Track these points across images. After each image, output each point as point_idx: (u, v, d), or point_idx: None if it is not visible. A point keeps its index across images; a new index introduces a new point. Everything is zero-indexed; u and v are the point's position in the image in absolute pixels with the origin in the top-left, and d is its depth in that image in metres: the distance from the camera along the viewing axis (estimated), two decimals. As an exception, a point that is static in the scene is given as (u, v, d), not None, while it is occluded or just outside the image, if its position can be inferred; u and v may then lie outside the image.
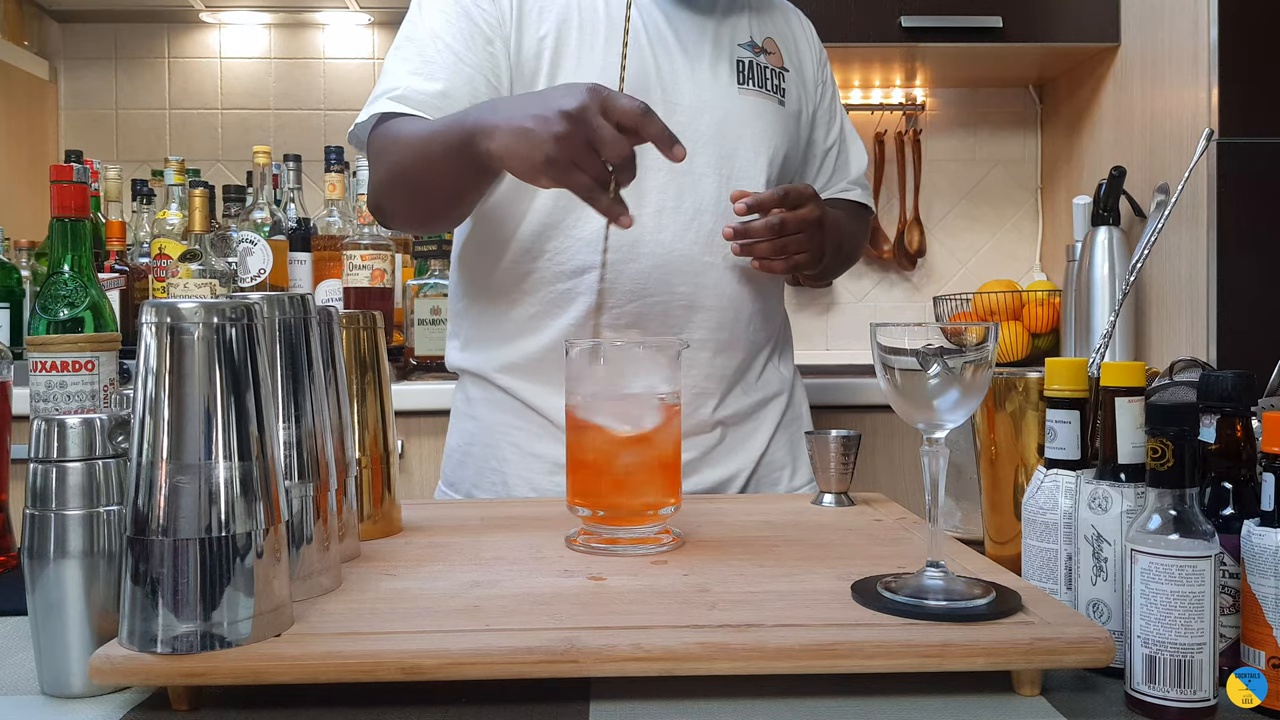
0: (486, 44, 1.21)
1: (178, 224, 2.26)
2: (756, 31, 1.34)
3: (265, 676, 0.65)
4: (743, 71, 1.29)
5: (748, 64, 1.30)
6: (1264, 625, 0.65)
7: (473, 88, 1.19)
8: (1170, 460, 0.64)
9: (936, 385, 0.73)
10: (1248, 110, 1.88)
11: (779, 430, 1.36)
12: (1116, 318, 0.99)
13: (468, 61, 1.20)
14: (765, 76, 1.32)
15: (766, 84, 1.32)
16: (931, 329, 0.74)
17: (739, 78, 1.29)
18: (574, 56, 1.22)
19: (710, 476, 1.29)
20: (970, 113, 2.72)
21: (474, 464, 1.31)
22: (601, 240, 1.21)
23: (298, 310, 0.79)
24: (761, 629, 0.69)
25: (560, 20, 1.23)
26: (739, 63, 1.30)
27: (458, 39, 1.20)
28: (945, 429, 0.75)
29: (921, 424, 0.75)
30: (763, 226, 1.19)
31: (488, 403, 1.31)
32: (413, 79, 1.19)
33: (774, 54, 1.35)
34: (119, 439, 0.70)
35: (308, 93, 2.73)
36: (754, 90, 1.30)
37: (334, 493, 0.82)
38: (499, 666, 0.65)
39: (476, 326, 1.32)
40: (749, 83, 1.30)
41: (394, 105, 1.18)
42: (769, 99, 1.32)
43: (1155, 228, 0.99)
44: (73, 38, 2.70)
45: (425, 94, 1.18)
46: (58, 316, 1.17)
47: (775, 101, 1.32)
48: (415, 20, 1.25)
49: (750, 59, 1.31)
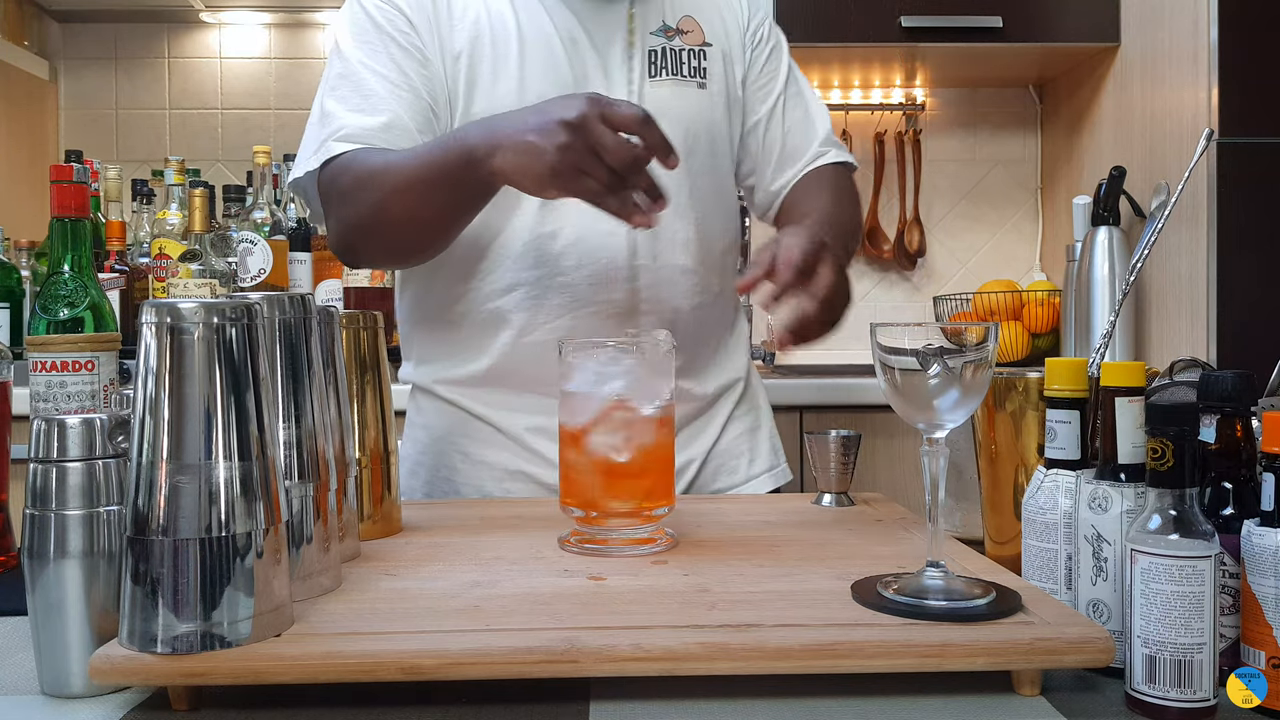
0: (420, 65, 1.20)
1: (178, 224, 2.26)
2: (670, 13, 1.30)
3: (265, 676, 0.65)
4: (655, 62, 1.27)
5: (660, 51, 1.27)
6: (1264, 625, 0.65)
7: (414, 112, 1.18)
8: (1170, 460, 0.64)
9: (937, 385, 0.73)
10: (1248, 110, 1.88)
11: (732, 420, 1.34)
12: (1116, 318, 0.99)
13: (404, 86, 1.19)
14: (681, 60, 1.28)
15: (682, 69, 1.28)
16: (931, 329, 0.74)
17: (651, 70, 1.26)
18: (489, 75, 1.21)
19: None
20: (970, 113, 2.72)
21: (424, 473, 1.31)
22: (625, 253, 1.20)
23: (298, 310, 0.79)
24: (761, 629, 0.69)
25: (473, 38, 1.21)
26: (651, 53, 1.27)
27: (388, 65, 1.19)
28: (945, 429, 0.75)
29: (921, 424, 0.75)
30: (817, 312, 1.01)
31: (435, 412, 1.31)
32: (354, 116, 1.17)
33: (691, 32, 1.30)
34: (119, 439, 0.70)
35: (308, 93, 2.70)
36: (668, 79, 1.27)
37: (334, 493, 0.82)
38: (499, 666, 0.65)
39: (422, 346, 1.33)
40: (662, 72, 1.27)
41: (343, 146, 1.15)
42: (684, 84, 1.28)
43: (1155, 228, 0.99)
44: (73, 38, 2.70)
45: (370, 128, 1.16)
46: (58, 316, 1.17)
47: (693, 85, 1.29)
48: (341, 56, 1.22)
49: (663, 45, 1.28)
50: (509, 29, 1.22)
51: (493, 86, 1.20)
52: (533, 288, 1.21)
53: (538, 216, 1.21)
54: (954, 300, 2.43)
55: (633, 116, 0.94)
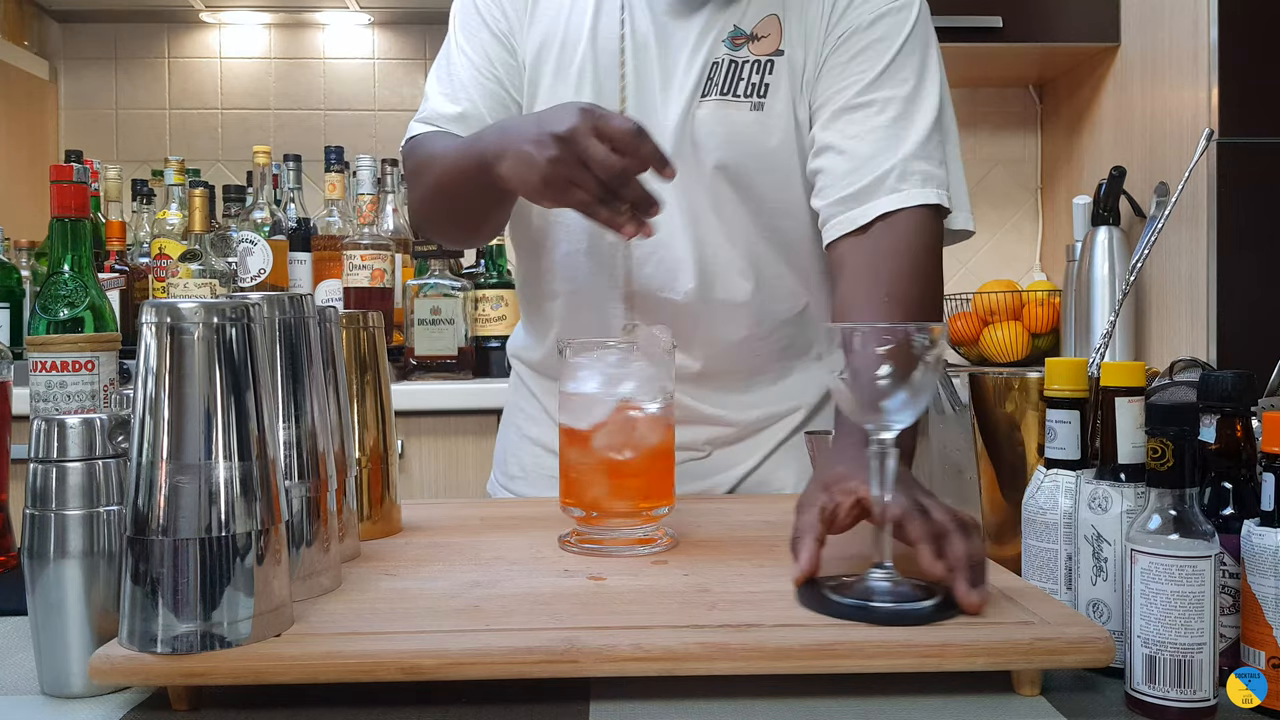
0: (508, 54, 1.21)
1: (178, 224, 2.26)
2: (752, 12, 1.16)
3: (265, 676, 0.65)
4: (712, 77, 1.15)
5: (722, 64, 1.15)
6: (1264, 625, 0.65)
7: (494, 102, 1.20)
8: (1170, 460, 0.64)
9: (886, 386, 0.74)
10: (1248, 110, 1.88)
11: (781, 448, 1.26)
12: (1116, 318, 0.99)
13: (488, 75, 1.21)
14: (740, 75, 1.14)
15: (739, 86, 1.14)
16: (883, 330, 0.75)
17: (704, 87, 1.15)
18: (550, 77, 1.19)
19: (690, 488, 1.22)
20: (970, 113, 2.72)
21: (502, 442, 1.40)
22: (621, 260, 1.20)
23: (298, 310, 0.79)
24: (761, 629, 0.69)
25: (544, 37, 1.20)
26: (712, 65, 1.15)
27: (478, 51, 1.21)
28: (893, 430, 0.75)
29: (870, 425, 0.75)
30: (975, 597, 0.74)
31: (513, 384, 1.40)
32: (439, 99, 1.22)
33: (767, 38, 1.15)
34: (119, 439, 0.70)
35: (308, 93, 2.73)
36: (715, 99, 1.14)
37: (334, 493, 0.82)
38: (499, 666, 0.65)
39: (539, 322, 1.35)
40: (714, 91, 1.15)
41: (419, 127, 1.22)
42: (733, 105, 1.14)
43: (1155, 228, 0.99)
44: (73, 38, 2.70)
45: (446, 116, 1.20)
46: (58, 316, 1.17)
47: (746, 107, 1.14)
48: (450, 32, 1.26)
49: (728, 57, 1.15)
50: (582, 31, 1.18)
51: (552, 90, 1.20)
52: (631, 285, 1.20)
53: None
54: (954, 300, 2.42)
55: (623, 130, 0.92)
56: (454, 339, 2.10)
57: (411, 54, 2.75)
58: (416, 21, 2.72)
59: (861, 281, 1.08)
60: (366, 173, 2.19)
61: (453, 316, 2.10)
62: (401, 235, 2.31)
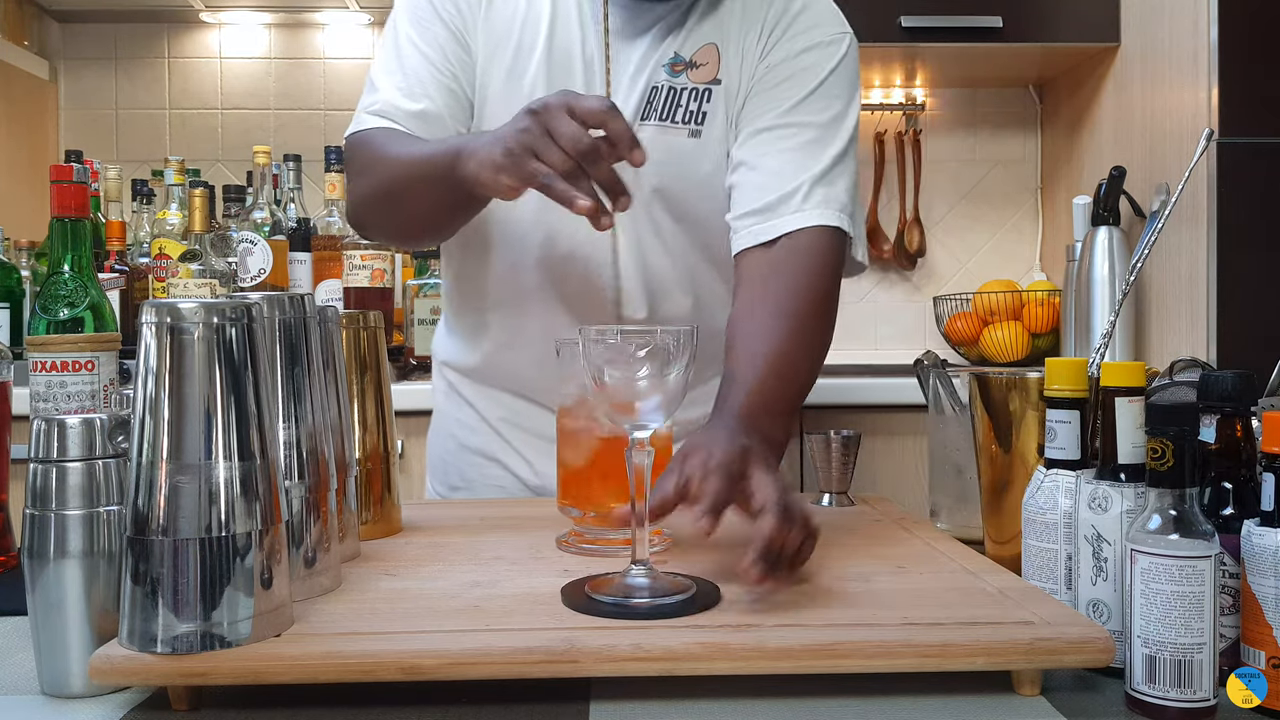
0: (464, 52, 1.19)
1: (178, 224, 2.25)
2: (695, 39, 1.18)
3: (265, 676, 0.65)
4: (651, 101, 1.17)
5: (661, 90, 1.17)
6: (1264, 625, 0.65)
7: (452, 101, 1.18)
8: (1170, 460, 0.64)
9: (644, 387, 0.76)
10: (1248, 110, 1.88)
11: None
12: (1116, 318, 0.99)
13: (446, 73, 1.18)
14: (679, 102, 1.17)
15: (677, 113, 1.17)
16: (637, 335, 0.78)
17: (644, 110, 1.17)
18: (500, 82, 1.18)
19: None
20: (970, 113, 2.72)
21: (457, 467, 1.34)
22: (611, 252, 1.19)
23: (298, 310, 0.79)
24: (761, 629, 0.69)
25: (497, 40, 1.18)
26: (652, 90, 1.17)
27: (432, 46, 1.18)
28: (649, 430, 0.78)
29: (627, 424, 0.78)
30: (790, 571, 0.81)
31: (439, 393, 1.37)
32: (395, 94, 1.17)
33: (704, 66, 1.18)
34: (119, 439, 0.70)
35: (308, 93, 2.73)
36: (654, 124, 1.17)
37: (334, 493, 0.82)
38: (499, 666, 0.65)
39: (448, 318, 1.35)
40: (653, 115, 1.17)
41: (373, 121, 1.17)
42: (671, 131, 1.17)
43: (1155, 228, 0.99)
44: (73, 38, 2.70)
45: (406, 113, 1.16)
46: (58, 316, 1.17)
47: (684, 133, 1.17)
48: (394, 29, 1.22)
49: (666, 83, 1.17)
50: (538, 40, 1.18)
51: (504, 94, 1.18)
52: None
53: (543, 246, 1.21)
54: (954, 300, 2.42)
55: (597, 108, 0.90)
56: (454, 339, 2.10)
57: (411, 54, 2.74)
58: (416, 21, 2.72)
59: (755, 292, 1.10)
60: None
61: (453, 316, 2.09)
62: (395, 239, 2.30)
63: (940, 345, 2.46)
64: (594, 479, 0.93)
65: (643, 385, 0.76)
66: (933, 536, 0.96)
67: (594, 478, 0.93)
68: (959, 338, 2.38)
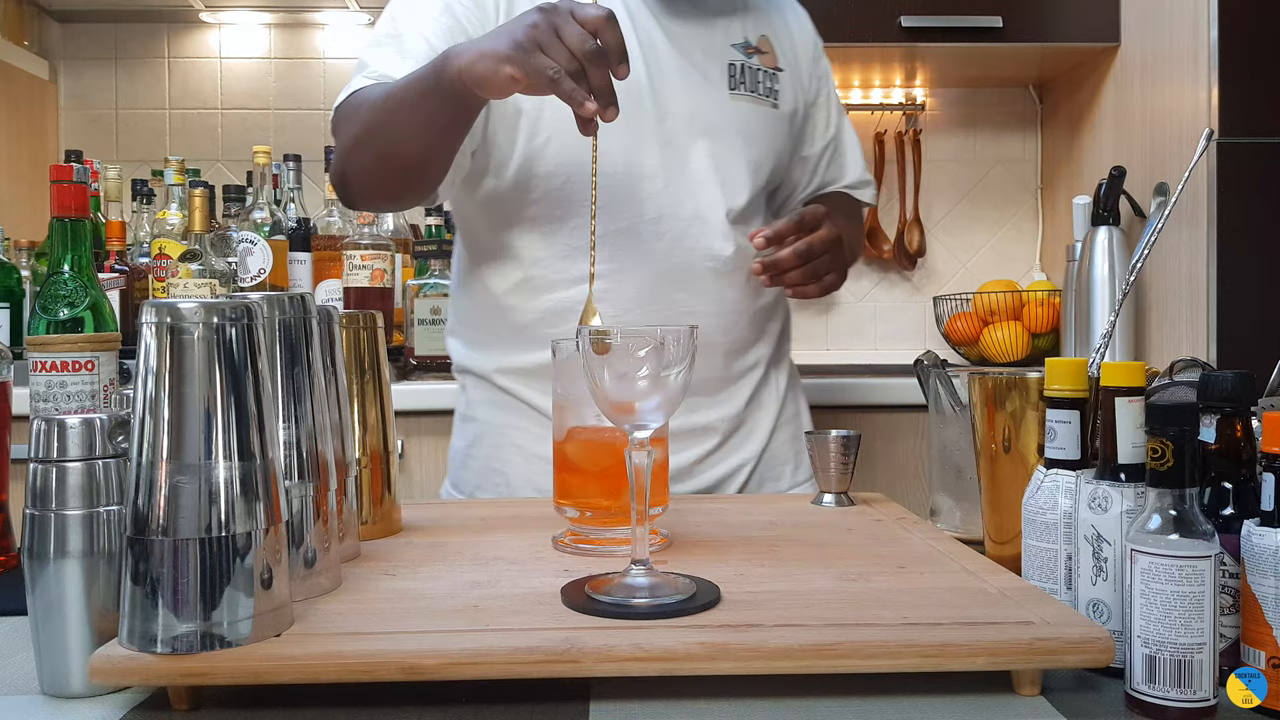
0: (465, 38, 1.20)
1: (178, 224, 2.25)
2: (751, 30, 1.32)
3: (265, 676, 0.65)
4: (734, 75, 1.29)
5: (740, 67, 1.30)
6: (1264, 625, 0.65)
7: None
8: (1170, 460, 0.64)
9: (644, 388, 0.76)
10: (1248, 110, 1.88)
11: (779, 427, 1.36)
12: (1116, 318, 0.99)
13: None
14: (758, 79, 1.31)
15: (759, 87, 1.31)
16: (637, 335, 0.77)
17: (730, 82, 1.29)
18: None
19: (712, 475, 1.29)
20: (970, 113, 2.72)
21: (477, 465, 1.31)
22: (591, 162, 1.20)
23: (298, 310, 0.79)
24: (761, 629, 0.69)
25: None
26: (731, 65, 1.29)
27: (439, 35, 1.19)
28: (649, 430, 0.78)
29: (627, 425, 0.78)
30: (790, 255, 1.18)
31: (489, 404, 1.31)
32: (390, 62, 1.19)
33: (768, 53, 1.33)
34: (119, 439, 0.70)
35: (308, 93, 2.73)
36: (746, 95, 1.29)
37: (334, 493, 0.82)
38: (499, 666, 0.65)
39: (477, 328, 1.33)
40: (740, 87, 1.29)
41: (368, 80, 1.18)
42: (761, 103, 1.31)
43: (1155, 228, 0.99)
44: (73, 38, 2.70)
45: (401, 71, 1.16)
46: (58, 316, 1.17)
47: (768, 105, 1.32)
48: (396, 17, 1.23)
49: (742, 62, 1.30)
50: None
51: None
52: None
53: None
54: (954, 300, 2.42)
55: (598, 15, 0.96)
56: (454, 339, 2.10)
57: (411, 54, 2.74)
58: (416, 21, 2.72)
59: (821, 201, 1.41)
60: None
61: (452, 316, 2.09)
62: (401, 235, 2.31)
63: (940, 345, 2.46)
64: (591, 479, 0.93)
65: (643, 385, 0.76)
66: (933, 536, 0.96)
67: (591, 477, 0.93)
68: (959, 338, 2.38)
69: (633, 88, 1.19)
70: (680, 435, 1.25)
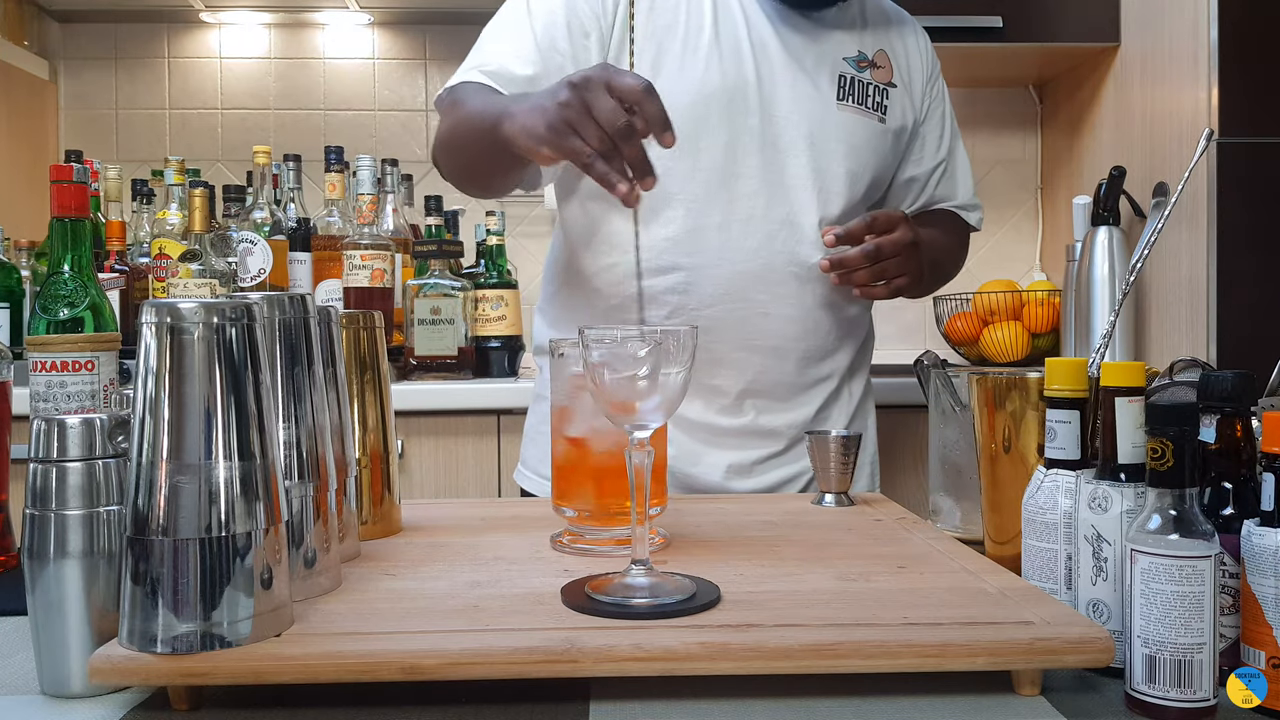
0: (583, 36, 1.23)
1: (178, 224, 2.25)
2: (868, 44, 1.34)
3: (265, 676, 0.65)
4: (843, 87, 1.31)
5: (849, 80, 1.31)
6: (1264, 625, 0.65)
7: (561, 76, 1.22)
8: (1170, 460, 0.64)
9: (644, 388, 0.76)
10: (1248, 110, 1.88)
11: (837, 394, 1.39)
12: (1116, 318, 0.99)
13: (560, 50, 1.22)
14: (867, 93, 1.32)
15: (867, 100, 1.32)
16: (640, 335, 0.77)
17: (839, 93, 1.30)
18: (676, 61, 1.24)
19: (773, 476, 1.33)
20: (970, 113, 2.71)
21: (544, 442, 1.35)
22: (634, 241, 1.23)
23: (298, 310, 0.79)
24: (761, 629, 0.69)
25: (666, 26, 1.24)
26: (841, 77, 1.31)
27: (557, 25, 1.23)
28: (649, 429, 0.78)
29: (627, 425, 0.78)
30: (858, 254, 1.21)
31: None
32: (507, 59, 1.22)
33: (883, 68, 1.34)
34: (119, 439, 0.70)
35: (308, 93, 2.73)
36: (852, 107, 1.31)
37: (334, 493, 0.82)
38: (499, 666, 0.65)
39: (563, 307, 1.37)
40: (848, 99, 1.31)
41: (482, 78, 1.21)
42: (868, 116, 1.32)
43: (1155, 228, 0.99)
44: (73, 38, 2.70)
45: (514, 78, 1.20)
46: (58, 316, 1.17)
47: (875, 119, 1.33)
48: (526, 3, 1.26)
49: (853, 75, 1.32)
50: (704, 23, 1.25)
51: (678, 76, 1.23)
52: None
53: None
54: (954, 300, 2.42)
55: (635, 86, 0.95)
56: (454, 339, 2.10)
57: (411, 54, 2.74)
58: (416, 21, 2.72)
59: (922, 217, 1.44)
60: (366, 173, 2.19)
61: (453, 316, 2.10)
62: (401, 235, 2.30)
63: (940, 345, 2.46)
64: (589, 479, 0.93)
65: (643, 385, 0.76)
66: (933, 536, 0.96)
67: (589, 477, 0.93)
68: (959, 338, 2.38)
69: (739, 89, 1.24)
70: (746, 434, 1.30)
